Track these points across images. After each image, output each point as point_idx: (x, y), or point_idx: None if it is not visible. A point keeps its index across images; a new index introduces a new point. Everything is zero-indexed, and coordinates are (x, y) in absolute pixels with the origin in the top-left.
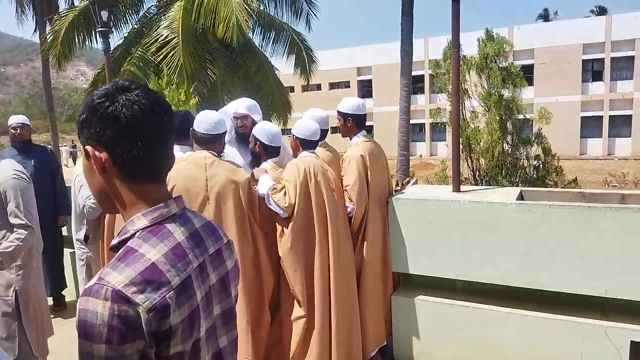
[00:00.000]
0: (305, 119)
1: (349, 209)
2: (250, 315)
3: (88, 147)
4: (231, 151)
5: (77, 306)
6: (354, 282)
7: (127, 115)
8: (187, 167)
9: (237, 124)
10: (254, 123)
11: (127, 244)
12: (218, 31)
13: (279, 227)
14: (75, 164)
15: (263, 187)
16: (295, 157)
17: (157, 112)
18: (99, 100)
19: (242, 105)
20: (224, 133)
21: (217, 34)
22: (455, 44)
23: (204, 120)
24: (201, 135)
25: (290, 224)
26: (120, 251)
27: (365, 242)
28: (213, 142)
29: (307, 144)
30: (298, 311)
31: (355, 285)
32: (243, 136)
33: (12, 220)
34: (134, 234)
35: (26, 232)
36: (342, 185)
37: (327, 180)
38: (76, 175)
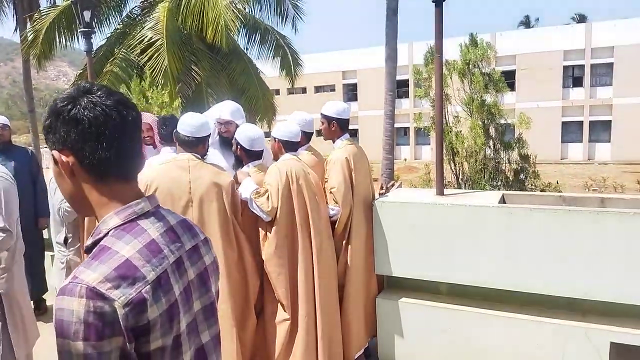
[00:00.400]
0: (286, 121)
1: (334, 212)
2: (235, 318)
3: (54, 152)
4: (214, 154)
5: (53, 307)
6: (336, 284)
7: (89, 117)
8: (170, 169)
9: (221, 129)
10: (237, 128)
11: (101, 243)
12: (207, 35)
13: (262, 231)
14: None
15: (246, 191)
16: (277, 160)
17: (120, 111)
18: (62, 104)
19: (226, 110)
20: (208, 136)
21: (206, 38)
22: (438, 49)
23: (187, 123)
24: (185, 138)
25: (274, 227)
26: (93, 250)
27: (349, 245)
28: (196, 145)
29: (288, 146)
30: (282, 314)
31: (337, 287)
32: (226, 140)
33: None
34: (107, 232)
35: (4, 234)
36: (326, 188)
37: (309, 183)
38: (51, 178)
